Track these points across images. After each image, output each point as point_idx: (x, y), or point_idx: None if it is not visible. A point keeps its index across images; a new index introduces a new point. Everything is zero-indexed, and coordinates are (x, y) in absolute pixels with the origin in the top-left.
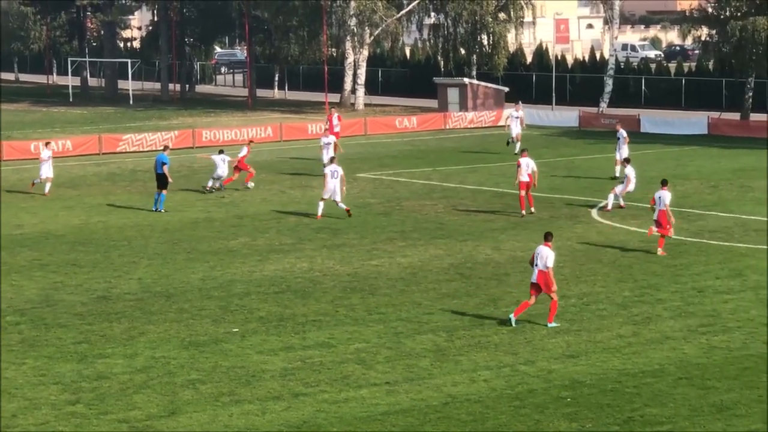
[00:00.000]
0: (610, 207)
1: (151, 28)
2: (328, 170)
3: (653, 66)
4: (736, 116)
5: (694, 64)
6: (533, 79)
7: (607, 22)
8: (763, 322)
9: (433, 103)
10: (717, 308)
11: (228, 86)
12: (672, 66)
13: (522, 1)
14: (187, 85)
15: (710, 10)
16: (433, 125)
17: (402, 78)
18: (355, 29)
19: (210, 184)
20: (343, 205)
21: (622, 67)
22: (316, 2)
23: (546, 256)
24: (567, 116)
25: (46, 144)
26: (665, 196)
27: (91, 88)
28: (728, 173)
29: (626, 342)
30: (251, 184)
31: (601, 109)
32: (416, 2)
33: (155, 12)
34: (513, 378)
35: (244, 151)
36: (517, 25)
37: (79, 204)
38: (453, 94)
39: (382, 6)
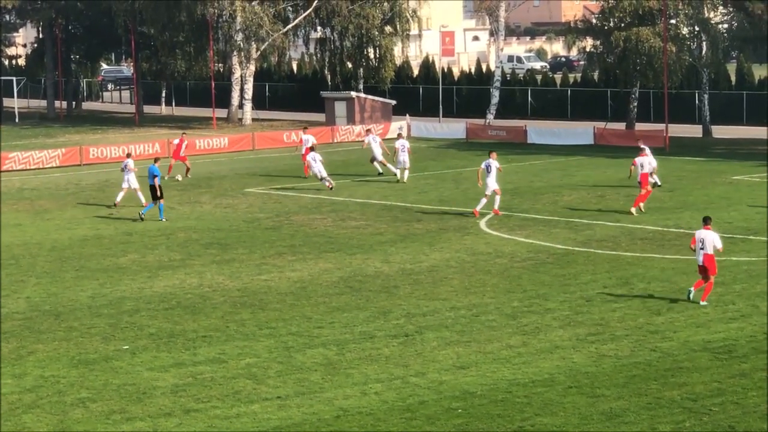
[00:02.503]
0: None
1: (36, 45)
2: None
3: (539, 77)
4: (621, 126)
5: (579, 74)
6: (420, 92)
7: (493, 34)
8: (651, 330)
9: (320, 117)
10: (605, 317)
11: (115, 103)
12: (558, 77)
13: (408, 14)
14: (74, 102)
15: (594, 21)
16: (321, 139)
17: (289, 92)
18: (242, 44)
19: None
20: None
21: (508, 78)
22: (202, 18)
23: (713, 239)
24: (454, 128)
25: (128, 155)
26: (713, 238)
27: None
28: (614, 182)
29: (516, 352)
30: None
31: (488, 121)
32: (302, 17)
33: (40, 29)
34: (404, 390)
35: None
36: (404, 38)
37: None
38: (340, 108)
39: (268, 21)
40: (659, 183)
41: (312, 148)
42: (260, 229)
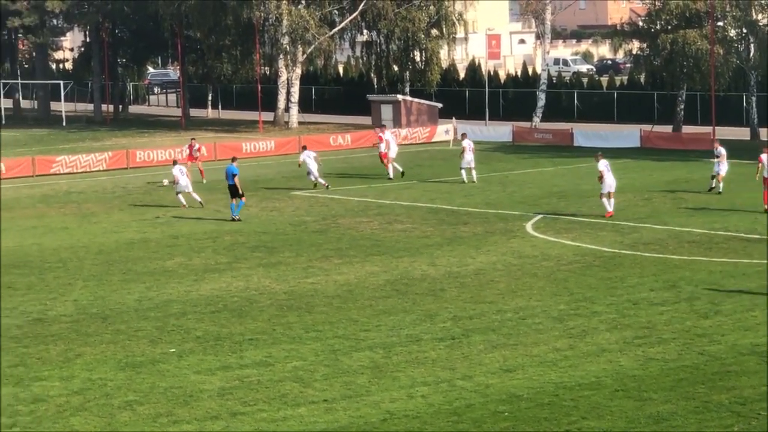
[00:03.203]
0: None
1: (83, 49)
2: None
3: (585, 80)
4: (668, 129)
5: (625, 77)
6: (466, 95)
7: (539, 36)
8: (698, 333)
9: (366, 120)
10: (652, 320)
11: (161, 106)
12: (604, 80)
13: (454, 17)
14: (120, 106)
15: (641, 23)
16: (367, 142)
17: (335, 95)
18: (288, 47)
19: (183, 201)
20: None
21: (555, 81)
22: (248, 21)
23: None
24: (500, 131)
25: (175, 162)
26: None
27: (23, 110)
28: (661, 185)
29: (563, 355)
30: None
31: (534, 124)
32: (349, 20)
33: (87, 33)
34: (450, 393)
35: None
36: (450, 42)
37: (13, 226)
38: (386, 111)
39: (314, 24)
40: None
41: (305, 147)
42: (307, 232)
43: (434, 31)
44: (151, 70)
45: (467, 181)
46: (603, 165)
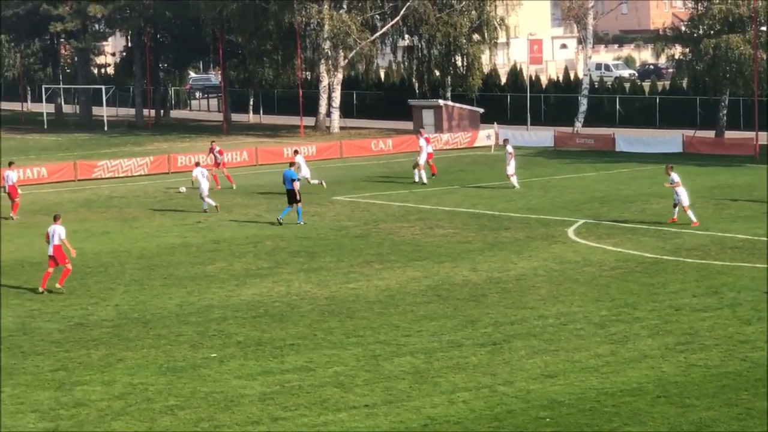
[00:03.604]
0: None
1: (124, 54)
2: None
3: (627, 85)
4: (710, 134)
5: (668, 82)
6: (508, 100)
7: (581, 41)
8: (741, 340)
9: (408, 125)
10: (694, 326)
11: (203, 111)
12: (646, 85)
13: (496, 22)
14: (162, 111)
15: (683, 28)
16: (409, 147)
17: (377, 100)
18: (330, 52)
19: (206, 206)
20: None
21: (596, 86)
22: (290, 26)
23: None
24: (542, 136)
25: (197, 164)
26: None
27: (65, 114)
28: (704, 191)
29: (604, 361)
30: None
31: (576, 129)
32: (390, 25)
33: (129, 38)
34: (492, 399)
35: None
36: (491, 47)
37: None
38: (428, 116)
39: (356, 29)
40: None
41: (297, 152)
42: (348, 237)
43: (476, 36)
44: (192, 74)
45: (514, 186)
46: (677, 177)
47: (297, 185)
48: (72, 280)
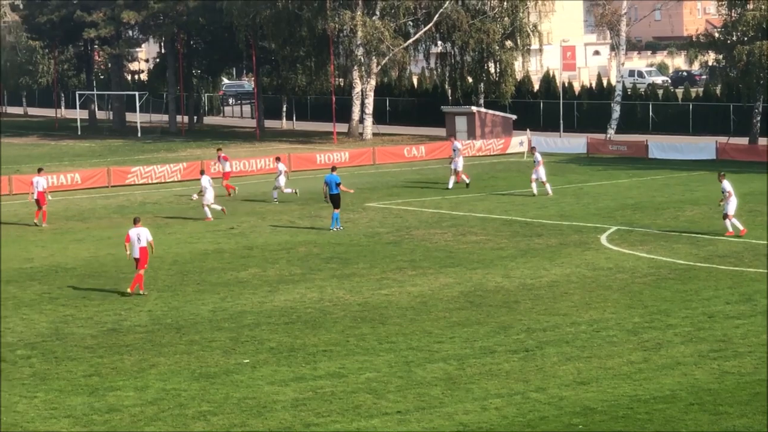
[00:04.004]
0: None
1: (158, 60)
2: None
3: (660, 92)
4: (744, 141)
5: (701, 89)
6: (541, 107)
7: (614, 48)
8: None
9: (441, 132)
10: (728, 333)
11: (236, 117)
12: (679, 91)
13: (528, 29)
14: (195, 117)
15: (717, 35)
16: (442, 154)
17: (410, 107)
18: (363, 59)
19: (209, 214)
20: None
21: (629, 93)
22: (323, 33)
23: None
24: (575, 143)
25: (202, 172)
26: None
27: (99, 120)
28: (737, 198)
29: (637, 368)
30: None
31: (609, 136)
32: (423, 31)
33: (162, 44)
34: (524, 405)
35: (228, 167)
36: (524, 53)
37: (88, 237)
38: (461, 123)
39: (388, 35)
40: None
41: (278, 159)
42: (381, 243)
43: (509, 43)
44: (225, 81)
45: (548, 194)
46: (729, 185)
47: (343, 187)
48: (105, 285)
